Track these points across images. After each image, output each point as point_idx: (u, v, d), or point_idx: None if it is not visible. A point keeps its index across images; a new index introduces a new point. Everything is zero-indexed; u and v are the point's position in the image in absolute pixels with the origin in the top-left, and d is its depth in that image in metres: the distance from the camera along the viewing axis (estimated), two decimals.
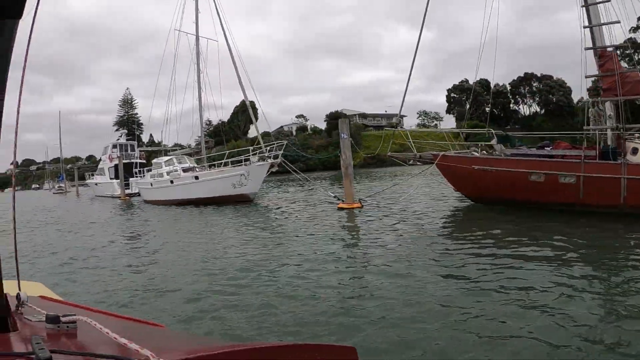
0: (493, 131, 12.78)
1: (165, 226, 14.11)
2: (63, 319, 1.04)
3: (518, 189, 10.35)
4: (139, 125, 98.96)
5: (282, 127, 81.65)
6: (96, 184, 39.31)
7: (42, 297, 1.70)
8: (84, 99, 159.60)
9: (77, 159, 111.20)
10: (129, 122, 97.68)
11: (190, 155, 25.36)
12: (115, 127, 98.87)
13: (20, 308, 1.27)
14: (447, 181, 13.20)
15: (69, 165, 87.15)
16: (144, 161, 37.85)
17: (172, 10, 47.39)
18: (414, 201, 14.13)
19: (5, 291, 1.19)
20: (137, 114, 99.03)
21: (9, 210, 1.70)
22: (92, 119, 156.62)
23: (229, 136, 74.25)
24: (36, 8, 1.03)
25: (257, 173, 19.43)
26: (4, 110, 1.07)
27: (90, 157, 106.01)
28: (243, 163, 19.88)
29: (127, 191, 31.54)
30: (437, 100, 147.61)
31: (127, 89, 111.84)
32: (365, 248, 7.55)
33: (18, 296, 1.27)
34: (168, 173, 22.57)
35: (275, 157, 19.41)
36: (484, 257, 6.20)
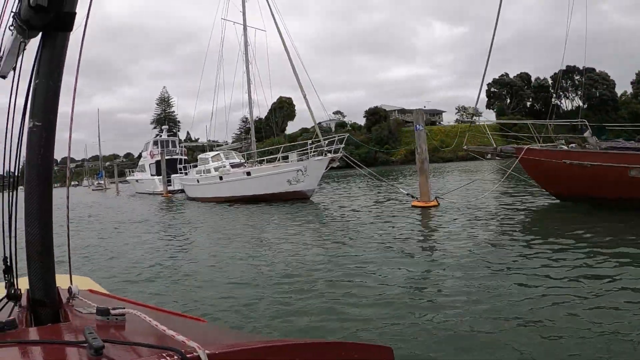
0: (587, 122, 11.35)
1: (217, 224, 12.48)
2: (112, 312, 1.05)
3: (613, 185, 9.35)
4: (176, 123, 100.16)
5: (320, 123, 79.59)
6: (137, 181, 38.33)
7: (90, 290, 1.75)
8: (121, 98, 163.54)
9: (115, 156, 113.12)
10: (166, 120, 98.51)
11: (238, 150, 23.61)
12: (153, 125, 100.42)
13: (71, 300, 1.31)
14: (532, 177, 11.74)
15: (108, 163, 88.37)
16: (186, 157, 36.74)
17: (215, 3, 46.01)
18: (493, 199, 12.67)
19: (57, 284, 1.25)
20: (174, 111, 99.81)
21: (60, 206, 1.56)
22: (130, 117, 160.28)
23: (267, 133, 73.21)
24: (86, 22, 1.22)
25: (315, 168, 17.49)
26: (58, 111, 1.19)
27: (128, 155, 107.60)
28: (298, 158, 18.03)
29: (169, 188, 30.43)
30: (473, 96, 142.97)
31: (164, 87, 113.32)
32: (444, 251, 6.54)
33: (70, 289, 1.32)
34: (216, 169, 20.89)
35: (336, 151, 17.37)
36: (582, 266, 5.07)
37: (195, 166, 23.69)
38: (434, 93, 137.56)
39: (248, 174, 18.77)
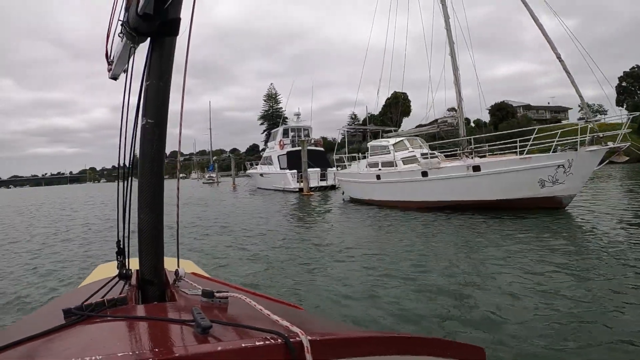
0: None
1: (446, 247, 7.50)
2: (217, 294, 1.09)
3: None
4: (284, 119, 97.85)
5: (436, 120, 72.47)
6: (261, 175, 33.39)
7: (193, 273, 1.80)
8: (228, 97, 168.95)
9: (222, 151, 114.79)
10: (273, 116, 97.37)
11: (425, 136, 17.03)
12: (260, 121, 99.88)
13: (177, 282, 1.39)
14: None
15: (223, 155, 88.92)
16: (322, 149, 31.28)
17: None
18: None
19: (165, 267, 1.37)
20: (281, 108, 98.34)
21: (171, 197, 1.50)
22: (236, 115, 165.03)
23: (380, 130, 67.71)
24: (190, 26, 1.27)
25: (585, 164, 11.00)
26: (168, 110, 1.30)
27: (234, 150, 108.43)
28: (562, 149, 11.31)
29: (322, 183, 26.21)
30: (585, 93, 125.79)
31: (271, 84, 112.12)
32: None
33: (177, 271, 1.40)
34: (406, 161, 14.55)
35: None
36: None
37: (363, 157, 17.53)
38: (541, 91, 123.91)
39: (475, 168, 12.10)
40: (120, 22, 1.34)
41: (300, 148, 29.39)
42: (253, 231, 10.55)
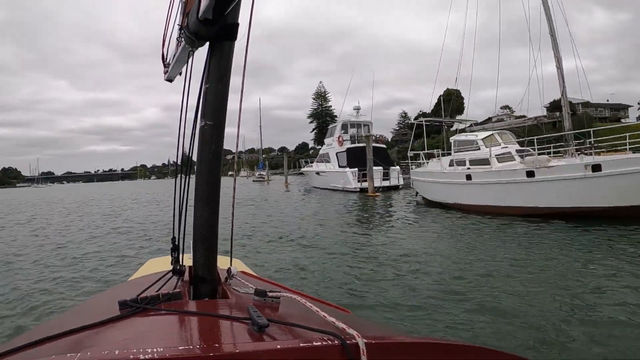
0: None
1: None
2: (269, 294, 1.11)
3: None
4: (333, 117, 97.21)
5: (489, 118, 68.94)
6: (317, 174, 31.87)
7: (242, 272, 1.81)
8: (277, 95, 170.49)
9: (270, 149, 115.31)
10: (322, 115, 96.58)
11: (516, 130, 15.04)
12: (309, 120, 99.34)
13: (228, 280, 1.41)
14: None
15: (271, 153, 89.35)
16: (384, 145, 29.62)
17: None
18: None
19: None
20: (330, 106, 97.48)
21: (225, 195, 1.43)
22: (284, 114, 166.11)
23: (432, 128, 65.37)
24: (248, 31, 1.29)
25: None
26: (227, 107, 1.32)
27: (283, 149, 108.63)
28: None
29: (384, 183, 24.70)
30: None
31: (320, 82, 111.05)
32: None
33: (229, 270, 1.41)
34: (500, 158, 12.71)
35: None
36: None
37: (441, 155, 15.75)
38: (595, 88, 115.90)
39: (594, 168, 10.15)
40: (179, 27, 1.44)
41: (361, 144, 27.90)
42: (312, 238, 9.23)
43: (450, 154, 14.96)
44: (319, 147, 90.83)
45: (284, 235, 9.66)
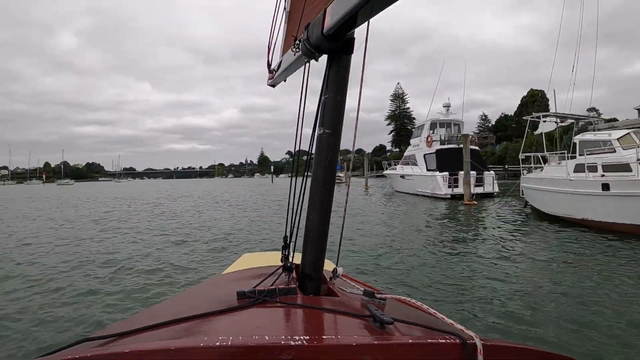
0: None
1: None
2: (377, 295, 1.13)
3: None
4: (411, 119, 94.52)
5: (568, 120, 62.13)
6: (401, 177, 29.93)
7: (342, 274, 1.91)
8: (354, 98, 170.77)
9: (347, 151, 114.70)
10: (400, 117, 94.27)
11: None
12: (387, 122, 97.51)
13: (332, 279, 1.44)
14: None
15: (348, 155, 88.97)
16: (477, 148, 27.21)
17: None
18: None
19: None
20: (408, 108, 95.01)
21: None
22: (361, 116, 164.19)
23: (516, 131, 60.46)
24: (365, 45, 1.38)
25: None
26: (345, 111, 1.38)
27: (359, 151, 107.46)
28: None
29: (477, 190, 22.79)
30: None
31: (398, 83, 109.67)
32: None
33: (335, 270, 1.44)
34: None
35: None
36: None
37: (568, 157, 13.37)
38: None
39: None
40: (293, 38, 1.51)
41: (452, 146, 25.80)
42: (402, 253, 7.86)
43: (574, 157, 12.72)
44: (396, 149, 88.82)
45: (376, 253, 8.48)
